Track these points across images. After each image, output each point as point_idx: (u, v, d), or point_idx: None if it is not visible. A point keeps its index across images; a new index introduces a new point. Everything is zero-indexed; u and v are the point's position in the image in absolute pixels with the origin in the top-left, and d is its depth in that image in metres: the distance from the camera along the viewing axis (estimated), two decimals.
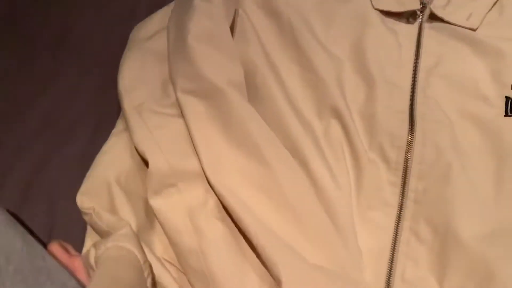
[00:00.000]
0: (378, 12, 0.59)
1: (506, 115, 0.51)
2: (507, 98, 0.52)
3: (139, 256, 0.42)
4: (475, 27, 0.57)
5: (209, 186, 0.46)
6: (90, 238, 0.49)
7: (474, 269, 0.43)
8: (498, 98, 0.52)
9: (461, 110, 0.52)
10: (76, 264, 0.43)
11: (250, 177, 0.46)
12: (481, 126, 0.51)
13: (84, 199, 0.47)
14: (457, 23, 0.58)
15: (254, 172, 0.46)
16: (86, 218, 0.48)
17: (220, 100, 0.50)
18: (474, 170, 0.48)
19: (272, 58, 0.56)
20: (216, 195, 0.45)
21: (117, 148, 0.52)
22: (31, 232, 0.41)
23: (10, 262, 0.33)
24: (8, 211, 0.42)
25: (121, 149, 0.52)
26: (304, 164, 0.48)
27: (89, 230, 0.49)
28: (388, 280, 0.45)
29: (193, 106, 0.50)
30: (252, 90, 0.54)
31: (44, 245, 0.42)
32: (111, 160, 0.51)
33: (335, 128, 0.51)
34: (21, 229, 0.37)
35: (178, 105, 0.51)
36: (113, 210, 0.47)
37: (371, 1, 0.60)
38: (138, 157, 0.51)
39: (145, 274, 0.42)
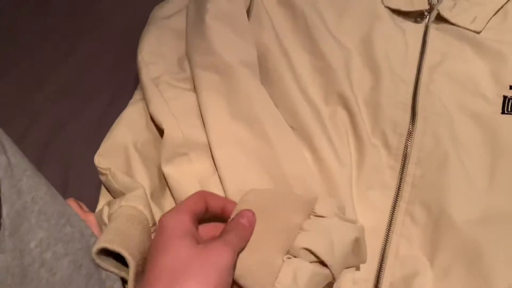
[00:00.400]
0: (388, 9, 0.62)
1: (503, 112, 0.54)
2: (504, 97, 0.55)
3: (149, 217, 0.45)
4: (479, 30, 0.60)
5: None
6: (104, 198, 0.51)
7: (463, 250, 0.46)
8: (496, 97, 0.55)
9: (461, 105, 0.55)
10: (91, 218, 0.45)
11: (249, 150, 0.48)
12: (479, 122, 0.54)
13: (102, 160, 0.50)
14: (462, 25, 0.60)
15: (254, 146, 0.48)
16: (102, 178, 0.50)
17: (231, 76, 0.52)
18: (470, 160, 0.51)
19: (284, 44, 0.59)
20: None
21: (135, 116, 0.54)
22: None
23: (36, 202, 0.36)
24: None
25: (138, 117, 0.54)
26: (309, 141, 0.51)
27: (103, 191, 0.51)
28: (382, 256, 0.47)
29: (205, 81, 0.53)
30: (264, 72, 0.57)
31: None
32: (129, 126, 0.53)
33: (341, 113, 0.54)
34: (44, 179, 0.40)
35: (192, 79, 0.54)
36: (128, 172, 0.50)
37: None
38: (154, 127, 0.53)
39: (152, 235, 0.45)
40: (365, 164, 0.51)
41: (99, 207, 0.51)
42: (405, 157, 0.52)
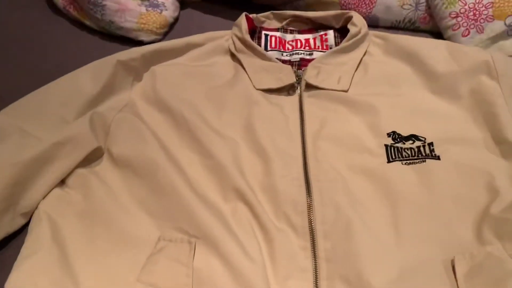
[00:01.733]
0: (261, 92, 0.65)
1: (388, 161, 0.58)
2: (386, 146, 0.59)
3: None
4: (346, 89, 0.65)
5: None
6: None
7: None
8: (378, 148, 0.59)
9: (351, 165, 0.58)
10: None
11: None
12: (370, 176, 0.56)
13: None
14: (330, 87, 0.65)
15: None
16: None
17: None
18: (372, 219, 0.53)
19: (172, 151, 0.59)
20: None
21: (27, 273, 0.50)
22: None
23: None
24: None
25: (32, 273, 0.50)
26: (215, 248, 0.50)
27: None
28: None
29: None
30: (156, 186, 0.56)
31: None
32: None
33: (241, 207, 0.54)
34: None
35: None
36: None
37: (252, 83, 0.66)
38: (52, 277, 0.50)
39: None
40: (276, 253, 0.51)
41: None
42: (312, 233, 0.52)
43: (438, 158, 0.57)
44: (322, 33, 0.74)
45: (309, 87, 0.65)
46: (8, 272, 0.50)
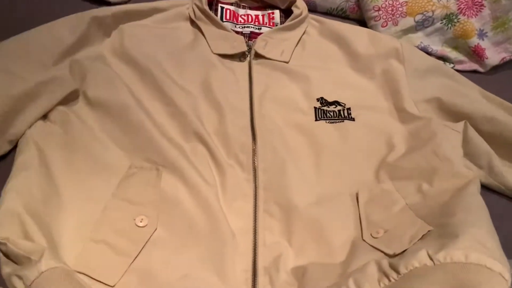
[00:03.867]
0: (217, 56, 0.77)
1: (316, 119, 0.73)
2: (314, 108, 0.74)
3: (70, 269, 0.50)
4: (287, 60, 0.79)
5: None
6: (7, 266, 0.53)
7: (310, 228, 0.61)
8: (309, 109, 0.74)
9: (287, 120, 0.72)
10: None
11: None
12: (302, 131, 0.72)
13: None
14: (275, 58, 0.79)
15: None
16: (2, 247, 0.52)
17: None
18: (300, 161, 0.68)
19: (140, 98, 0.70)
20: None
21: (20, 184, 0.58)
22: None
23: None
24: None
25: (25, 184, 0.58)
26: (180, 174, 0.62)
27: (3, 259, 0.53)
28: (254, 247, 0.60)
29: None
30: (129, 125, 0.67)
31: None
32: (18, 192, 0.56)
33: (200, 148, 0.67)
34: None
35: None
36: (27, 237, 0.54)
37: (210, 48, 0.78)
38: (40, 190, 0.58)
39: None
40: (227, 182, 0.64)
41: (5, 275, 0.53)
42: (255, 169, 0.66)
43: (353, 119, 0.73)
44: (270, 11, 0.87)
45: (257, 56, 0.78)
46: None
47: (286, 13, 0.87)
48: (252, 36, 0.84)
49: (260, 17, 0.87)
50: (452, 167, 0.64)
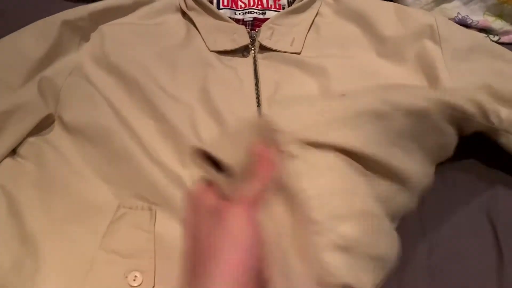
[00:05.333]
0: (215, 53, 0.65)
1: None
2: None
3: None
4: (298, 51, 0.66)
5: None
6: None
7: None
8: None
9: None
10: None
11: None
12: None
13: None
14: (284, 49, 0.66)
15: None
16: None
17: None
18: None
19: (125, 117, 0.58)
20: None
21: None
22: None
23: None
24: None
25: None
26: (176, 213, 0.51)
27: None
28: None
29: None
30: (111, 154, 0.56)
31: None
32: None
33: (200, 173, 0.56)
34: None
35: None
36: None
37: (206, 44, 0.65)
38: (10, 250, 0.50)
39: None
40: None
41: None
42: None
43: None
44: None
45: (263, 49, 0.66)
46: None
47: None
48: (255, 24, 0.71)
49: None
50: None
